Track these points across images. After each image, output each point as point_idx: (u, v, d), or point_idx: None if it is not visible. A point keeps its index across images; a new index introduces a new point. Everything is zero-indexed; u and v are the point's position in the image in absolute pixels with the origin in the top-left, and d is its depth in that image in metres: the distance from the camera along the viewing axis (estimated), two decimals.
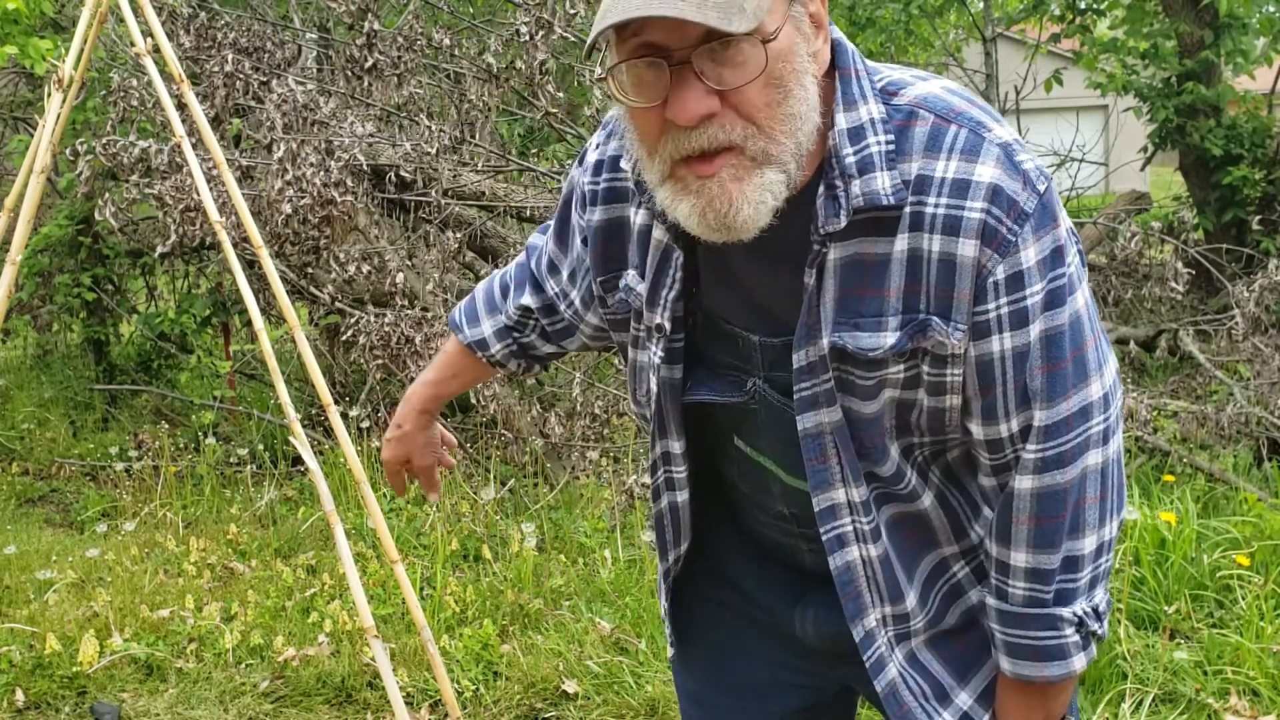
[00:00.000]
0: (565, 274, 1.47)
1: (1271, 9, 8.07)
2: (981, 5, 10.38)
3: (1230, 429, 4.60)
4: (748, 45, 1.06)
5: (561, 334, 1.55)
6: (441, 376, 1.65)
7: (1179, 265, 5.48)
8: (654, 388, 1.31)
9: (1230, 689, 2.93)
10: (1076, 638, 1.24)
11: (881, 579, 1.27)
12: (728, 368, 1.29)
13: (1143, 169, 8.74)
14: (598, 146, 1.35)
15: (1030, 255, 1.12)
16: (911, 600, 1.29)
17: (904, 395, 1.20)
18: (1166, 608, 3.27)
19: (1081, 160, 9.41)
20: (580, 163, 1.39)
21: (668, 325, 1.27)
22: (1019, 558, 1.23)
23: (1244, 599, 3.27)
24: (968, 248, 1.12)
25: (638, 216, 1.29)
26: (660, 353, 1.28)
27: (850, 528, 1.25)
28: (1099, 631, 1.25)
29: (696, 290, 1.28)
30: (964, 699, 1.33)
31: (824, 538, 1.26)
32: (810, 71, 1.11)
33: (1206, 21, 7.28)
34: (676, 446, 1.34)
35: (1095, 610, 1.24)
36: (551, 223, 1.50)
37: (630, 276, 1.31)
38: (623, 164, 1.29)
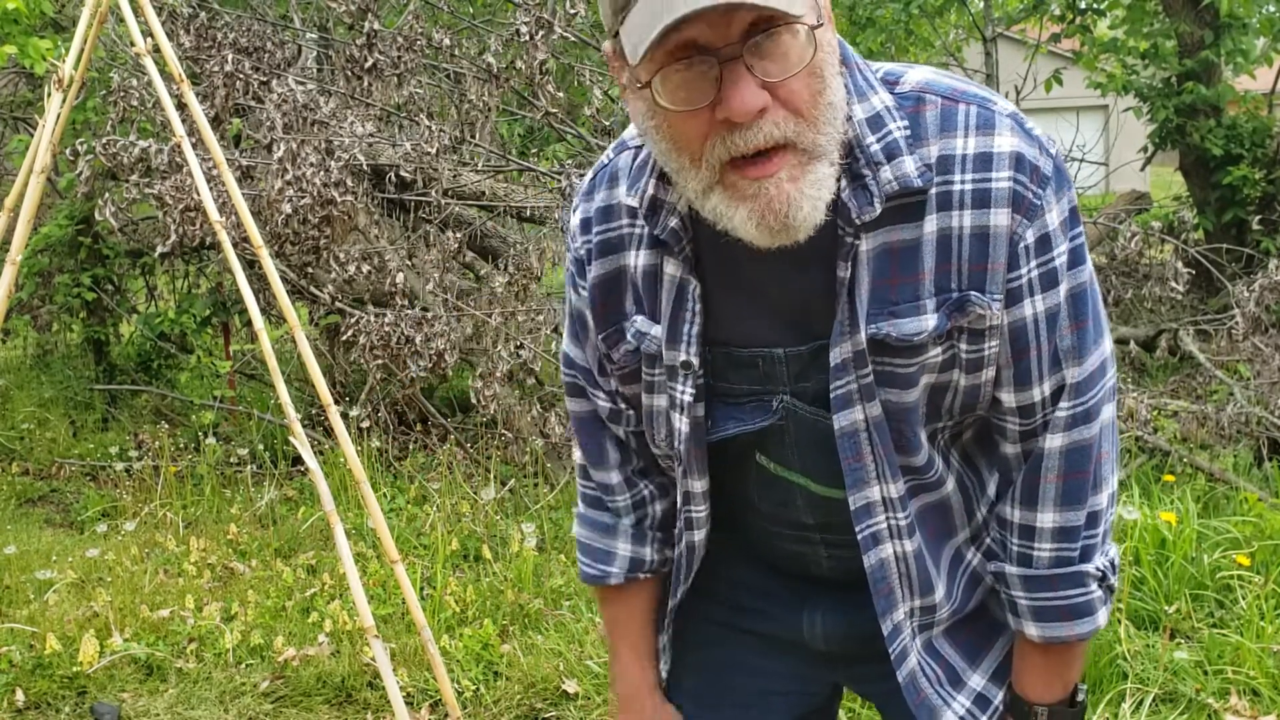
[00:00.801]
0: (596, 371, 1.38)
1: (1271, 9, 8.08)
2: (981, 5, 10.39)
3: (1230, 429, 4.60)
4: (789, 36, 1.05)
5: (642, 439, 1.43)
6: (637, 638, 1.48)
7: (1179, 265, 5.48)
8: (684, 429, 1.28)
9: (1230, 689, 2.93)
10: (1100, 592, 1.26)
11: (914, 573, 1.27)
12: (748, 395, 1.27)
13: (1143, 169, 8.74)
14: (577, 209, 1.33)
15: (1054, 217, 1.15)
16: (940, 592, 1.29)
17: (939, 380, 1.21)
18: (1167, 608, 3.27)
19: (1081, 160, 9.41)
20: (569, 250, 1.36)
21: (695, 361, 1.25)
22: (1046, 518, 1.24)
23: (1244, 599, 3.27)
24: (1000, 217, 1.13)
25: (639, 259, 1.26)
26: (690, 390, 1.26)
27: (885, 525, 1.25)
28: (1114, 585, 1.28)
29: (707, 322, 1.26)
30: (976, 680, 1.34)
31: (859, 536, 1.25)
32: (836, 63, 1.13)
33: (1206, 21, 7.28)
34: (698, 486, 1.32)
35: (1112, 563, 1.27)
36: (565, 351, 1.42)
37: (640, 322, 1.28)
38: (623, 196, 1.26)
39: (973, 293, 1.15)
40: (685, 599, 1.44)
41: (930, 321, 1.16)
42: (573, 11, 4.86)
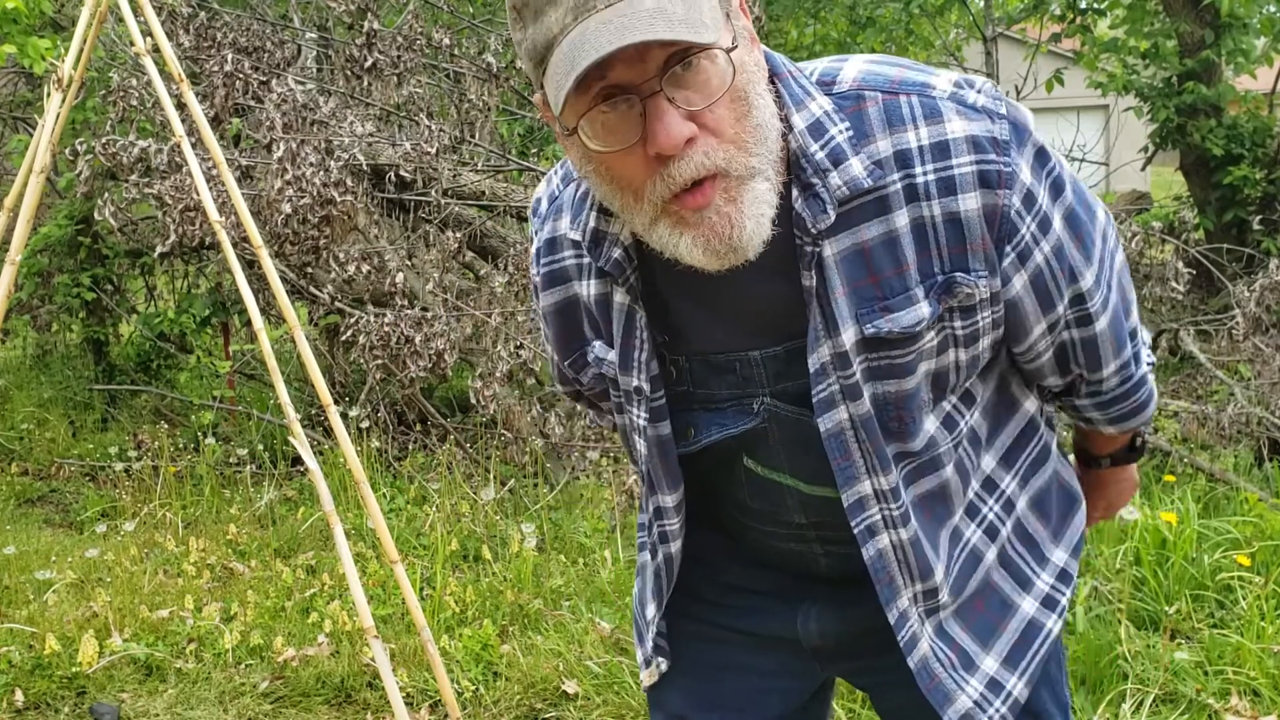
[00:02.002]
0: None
1: (1272, 9, 8.07)
2: (982, 5, 10.38)
3: (1231, 429, 4.60)
4: (707, 63, 1.06)
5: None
6: None
7: (1180, 265, 5.48)
8: (642, 449, 1.31)
9: (1231, 689, 2.93)
10: (1152, 377, 1.42)
11: (913, 559, 1.28)
12: (729, 399, 1.29)
13: (1143, 169, 8.74)
14: (533, 238, 1.37)
15: (1027, 173, 1.18)
16: (939, 574, 1.30)
17: (939, 364, 1.23)
18: (1167, 608, 3.26)
19: (1082, 160, 9.40)
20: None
21: (646, 387, 1.27)
22: (1110, 368, 1.34)
23: (1245, 599, 3.27)
24: (970, 201, 1.16)
25: (589, 288, 1.29)
26: (644, 414, 1.29)
27: (879, 516, 1.26)
28: (1155, 361, 1.44)
29: (669, 340, 1.28)
30: (990, 664, 1.34)
31: (855, 530, 1.26)
32: (762, 80, 1.13)
33: (1207, 21, 7.28)
34: (669, 500, 1.34)
35: (1150, 348, 1.42)
36: (556, 368, 1.48)
37: (598, 348, 1.31)
38: (566, 229, 1.28)
39: (957, 274, 1.18)
40: (673, 601, 1.45)
41: (924, 309, 1.18)
42: None
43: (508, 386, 4.85)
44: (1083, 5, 8.41)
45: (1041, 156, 1.20)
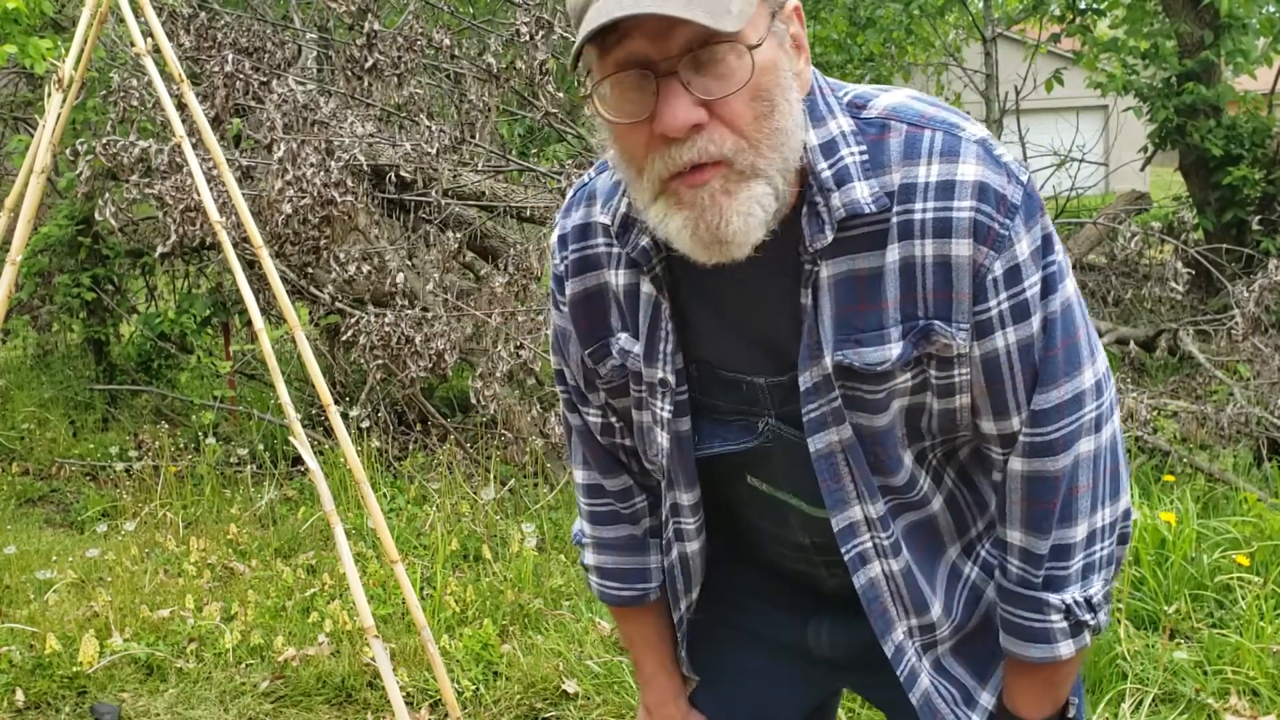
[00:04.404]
0: (584, 386, 1.39)
1: (1271, 9, 8.08)
2: (981, 5, 10.38)
3: (1230, 429, 4.60)
4: (733, 56, 1.05)
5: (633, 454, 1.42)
6: (661, 648, 1.49)
7: (1179, 265, 5.49)
8: (664, 444, 1.29)
9: (1230, 689, 2.93)
10: (1064, 624, 1.23)
11: (905, 591, 1.27)
12: (734, 414, 1.28)
13: (1143, 169, 8.74)
14: (557, 226, 1.34)
15: (1024, 248, 1.13)
16: (937, 609, 1.29)
17: (913, 402, 1.20)
18: (1166, 608, 3.27)
19: (1081, 160, 9.40)
20: (552, 267, 1.38)
21: (671, 379, 1.25)
22: (1014, 536, 1.23)
23: (1244, 599, 3.27)
24: (962, 247, 1.12)
25: (619, 277, 1.27)
26: (669, 407, 1.27)
27: (870, 544, 1.25)
28: (1091, 622, 1.24)
29: (689, 341, 1.27)
30: (986, 699, 1.33)
31: (846, 557, 1.25)
32: (795, 88, 1.11)
33: (1206, 21, 7.28)
34: (686, 499, 1.33)
35: (1088, 600, 1.23)
36: (555, 368, 1.44)
37: (623, 340, 1.29)
38: (599, 215, 1.27)
39: (937, 322, 1.14)
40: (695, 606, 1.44)
41: (894, 350, 1.15)
42: None
43: (508, 386, 4.85)
44: (1082, 5, 8.42)
45: (1048, 245, 1.15)
